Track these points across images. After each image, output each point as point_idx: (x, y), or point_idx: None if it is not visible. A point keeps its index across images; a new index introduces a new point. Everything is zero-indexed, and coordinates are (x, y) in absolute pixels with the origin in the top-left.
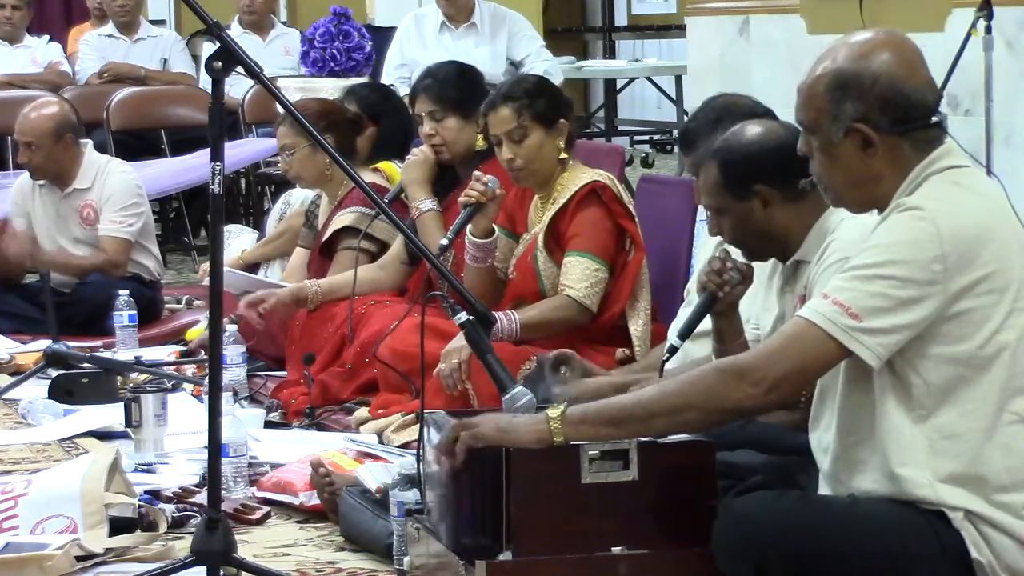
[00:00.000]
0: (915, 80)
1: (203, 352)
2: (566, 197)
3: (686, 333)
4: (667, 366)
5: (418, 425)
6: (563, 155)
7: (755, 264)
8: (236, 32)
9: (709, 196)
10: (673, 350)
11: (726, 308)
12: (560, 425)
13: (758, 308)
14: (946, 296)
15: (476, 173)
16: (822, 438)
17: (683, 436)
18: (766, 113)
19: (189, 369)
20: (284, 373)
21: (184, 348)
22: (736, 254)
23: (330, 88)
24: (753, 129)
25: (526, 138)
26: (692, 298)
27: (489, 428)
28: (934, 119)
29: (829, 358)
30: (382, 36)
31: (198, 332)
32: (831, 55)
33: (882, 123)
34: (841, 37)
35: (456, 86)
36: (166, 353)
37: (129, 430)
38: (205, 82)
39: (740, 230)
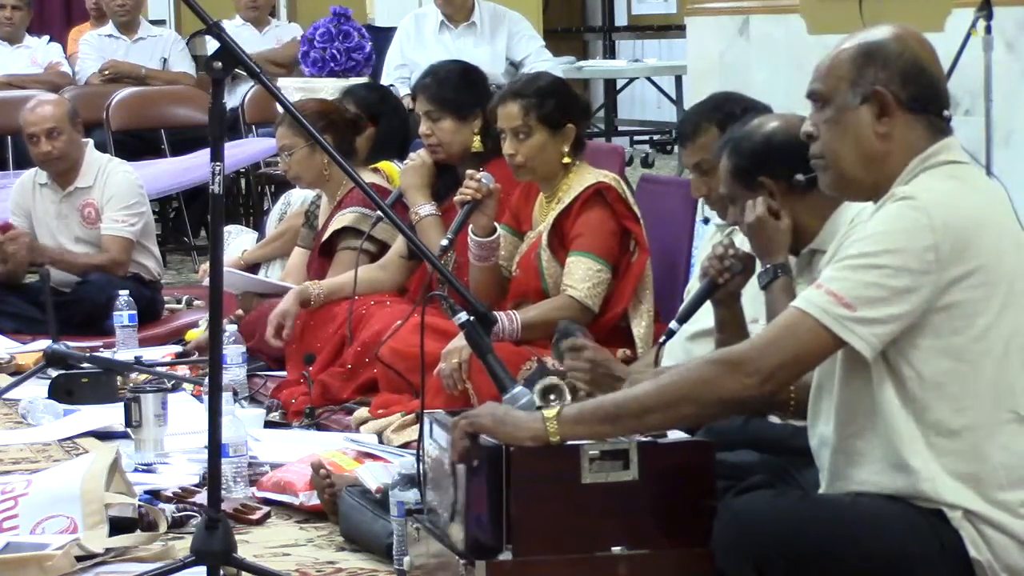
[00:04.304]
0: (935, 69)
1: (198, 354)
2: (571, 197)
3: (685, 317)
4: (667, 364)
5: (418, 425)
6: (566, 159)
7: None
8: (235, 24)
9: (723, 184)
10: (670, 333)
11: (726, 297)
12: (556, 425)
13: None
14: (938, 286)
15: (469, 171)
16: (821, 432)
17: (683, 436)
18: (765, 108)
19: (182, 370)
20: (284, 373)
21: (182, 348)
22: (741, 243)
23: (330, 88)
24: (766, 121)
25: (530, 137)
26: None
27: (486, 417)
28: (946, 112)
29: (823, 348)
30: (382, 36)
31: (198, 333)
32: (856, 36)
33: (902, 95)
34: (864, 28)
35: (455, 87)
36: (162, 354)
37: (129, 430)
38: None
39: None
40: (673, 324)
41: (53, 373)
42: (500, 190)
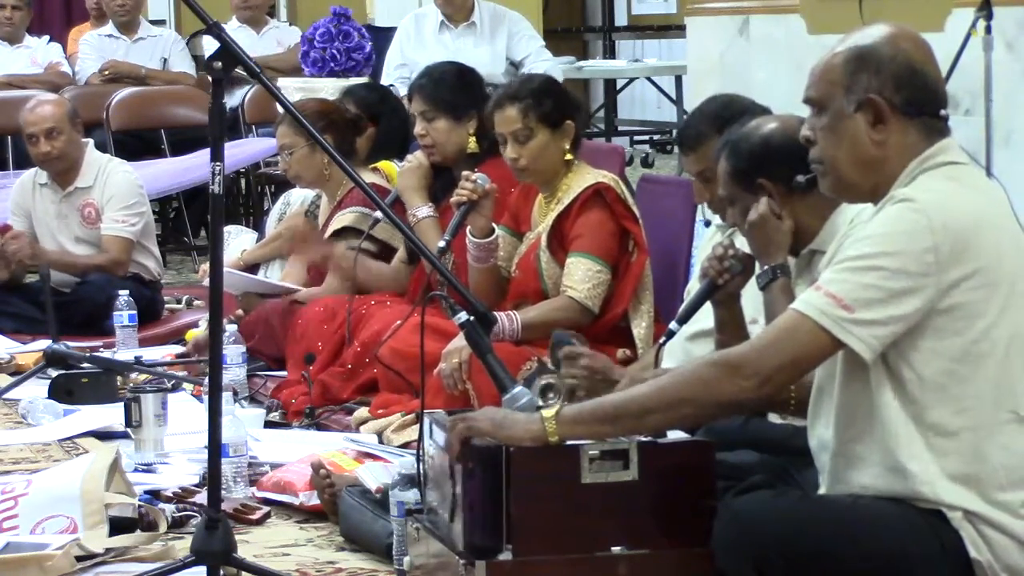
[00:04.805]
0: (930, 69)
1: (197, 354)
2: (570, 198)
3: (685, 317)
4: (667, 364)
5: (418, 425)
6: (568, 156)
7: None
8: (232, 27)
9: (722, 186)
10: (671, 334)
11: (726, 298)
12: (555, 425)
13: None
14: (938, 288)
15: (465, 172)
16: (821, 435)
17: (683, 436)
18: (764, 111)
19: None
20: (284, 373)
21: (183, 348)
22: (741, 244)
23: (330, 88)
24: (764, 123)
25: (531, 139)
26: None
27: (484, 422)
28: (943, 112)
29: (822, 350)
30: (382, 36)
31: (198, 333)
32: (849, 38)
33: (896, 100)
34: (859, 28)
35: (450, 88)
36: (162, 354)
37: (129, 430)
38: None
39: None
40: (673, 325)
41: (53, 373)
42: (496, 190)
